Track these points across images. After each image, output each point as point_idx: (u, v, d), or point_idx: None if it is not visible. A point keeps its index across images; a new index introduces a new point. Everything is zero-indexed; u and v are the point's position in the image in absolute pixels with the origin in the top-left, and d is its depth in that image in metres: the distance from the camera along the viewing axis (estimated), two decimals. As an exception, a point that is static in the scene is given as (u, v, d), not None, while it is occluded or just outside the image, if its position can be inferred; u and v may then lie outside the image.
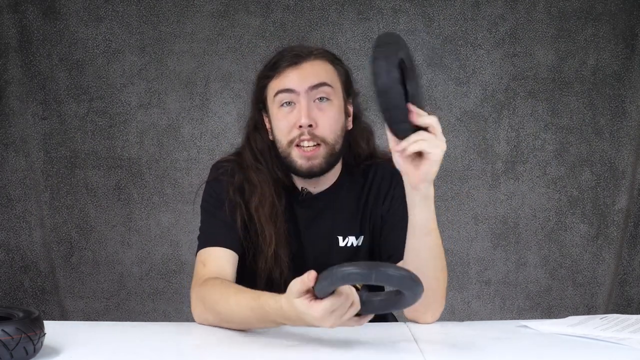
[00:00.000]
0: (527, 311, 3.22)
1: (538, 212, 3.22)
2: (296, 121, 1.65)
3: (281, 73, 1.68)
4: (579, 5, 3.16)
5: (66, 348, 1.35)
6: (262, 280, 1.70)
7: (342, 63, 1.75)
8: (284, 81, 1.67)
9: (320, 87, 1.67)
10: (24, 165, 3.18)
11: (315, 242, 1.74)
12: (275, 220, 1.69)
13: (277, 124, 1.69)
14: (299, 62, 1.68)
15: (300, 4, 3.17)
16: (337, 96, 1.70)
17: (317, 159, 1.66)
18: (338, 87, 1.71)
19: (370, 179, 1.77)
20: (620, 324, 1.50)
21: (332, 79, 1.70)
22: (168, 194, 3.20)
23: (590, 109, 3.20)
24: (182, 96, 3.19)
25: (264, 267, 1.69)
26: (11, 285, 3.21)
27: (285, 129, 1.67)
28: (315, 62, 1.69)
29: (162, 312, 3.22)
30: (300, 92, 1.66)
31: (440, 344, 1.48)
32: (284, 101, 1.67)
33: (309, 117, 1.64)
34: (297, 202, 1.75)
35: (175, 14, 3.16)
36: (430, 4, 3.18)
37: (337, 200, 1.76)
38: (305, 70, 1.67)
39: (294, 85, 1.66)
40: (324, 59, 1.71)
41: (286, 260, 1.69)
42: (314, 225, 1.75)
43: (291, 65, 1.67)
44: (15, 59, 3.14)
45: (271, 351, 1.38)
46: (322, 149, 1.66)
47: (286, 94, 1.66)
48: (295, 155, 1.67)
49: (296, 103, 1.66)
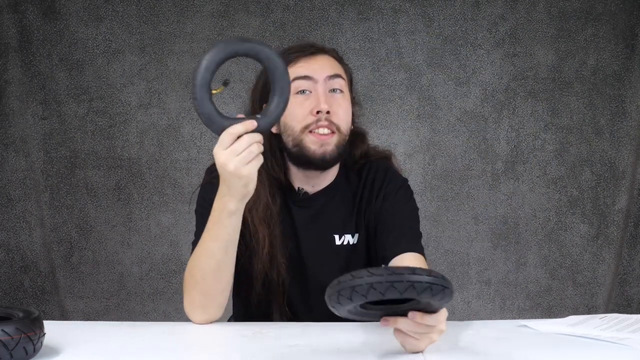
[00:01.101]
0: (527, 311, 3.22)
1: (538, 212, 3.22)
2: (313, 108, 1.66)
3: (297, 62, 1.70)
4: (579, 5, 3.16)
5: (66, 348, 1.35)
6: (259, 282, 1.70)
7: (347, 66, 1.79)
8: (301, 69, 1.69)
9: (336, 78, 1.70)
10: (24, 165, 3.18)
11: (312, 242, 1.74)
12: (269, 221, 1.69)
13: (292, 111, 1.67)
14: (314, 54, 1.71)
15: (300, 4, 3.17)
16: (347, 91, 1.73)
17: (330, 145, 1.67)
18: (347, 84, 1.75)
19: (365, 177, 1.77)
20: (620, 324, 1.50)
21: (344, 74, 1.74)
22: (168, 194, 3.20)
23: (590, 109, 3.20)
24: (182, 96, 3.19)
25: (260, 268, 1.69)
26: (11, 285, 3.21)
27: (300, 115, 1.67)
28: (327, 56, 1.73)
29: (162, 312, 3.22)
30: (319, 80, 1.68)
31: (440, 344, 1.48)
32: (300, 89, 1.68)
33: (328, 103, 1.66)
34: (294, 202, 1.75)
35: (175, 14, 3.16)
36: (430, 4, 3.18)
37: (334, 200, 1.76)
38: (321, 61, 1.71)
39: (312, 73, 1.68)
40: (335, 55, 1.75)
41: (282, 261, 1.69)
42: (310, 225, 1.74)
43: (306, 56, 1.71)
44: (15, 59, 3.14)
45: (271, 351, 1.38)
46: (335, 137, 1.67)
47: (304, 80, 1.68)
48: (308, 141, 1.66)
49: (312, 91, 1.68)
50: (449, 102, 3.21)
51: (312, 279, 1.73)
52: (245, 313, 1.80)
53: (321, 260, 1.73)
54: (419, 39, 3.18)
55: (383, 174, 1.78)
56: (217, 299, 1.57)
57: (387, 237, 1.68)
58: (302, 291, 1.73)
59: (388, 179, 1.76)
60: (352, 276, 1.18)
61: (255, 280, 1.70)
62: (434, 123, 3.19)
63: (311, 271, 1.73)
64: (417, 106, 3.21)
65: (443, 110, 3.19)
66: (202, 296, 1.56)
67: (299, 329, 1.53)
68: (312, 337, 1.46)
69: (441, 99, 3.20)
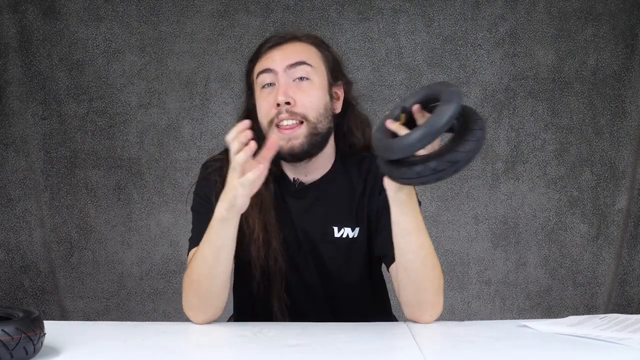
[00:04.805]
0: (527, 311, 3.22)
1: (538, 212, 3.22)
2: (274, 100, 1.64)
3: (264, 55, 1.69)
4: (579, 5, 3.16)
5: (66, 348, 1.35)
6: (258, 270, 1.69)
7: (329, 48, 1.75)
8: (265, 62, 1.68)
9: (299, 65, 1.66)
10: (24, 165, 3.18)
11: (309, 232, 1.72)
12: (260, 207, 1.67)
13: (259, 107, 1.68)
14: (281, 43, 1.69)
15: (300, 4, 3.17)
16: (319, 76, 1.69)
17: (298, 139, 1.64)
18: (321, 68, 1.70)
19: (366, 170, 1.75)
20: (620, 324, 1.50)
21: (313, 59, 1.69)
22: (168, 194, 3.20)
23: (590, 109, 3.20)
24: (182, 96, 3.19)
25: (257, 255, 1.68)
26: (11, 285, 3.21)
27: (264, 109, 1.66)
28: (297, 43, 1.70)
29: (162, 312, 3.22)
30: (279, 71, 1.66)
31: (440, 344, 1.48)
32: (265, 82, 1.67)
33: (286, 94, 1.63)
34: (289, 193, 1.73)
35: (175, 14, 3.16)
36: (430, 4, 3.18)
37: (331, 190, 1.74)
38: (285, 50, 1.68)
39: (272, 65, 1.66)
40: (307, 42, 1.71)
41: (278, 247, 1.68)
42: (307, 215, 1.73)
43: (273, 47, 1.69)
44: (15, 59, 3.14)
45: (271, 351, 1.38)
46: (303, 128, 1.64)
47: (266, 74, 1.67)
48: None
49: (276, 84, 1.66)
50: (449, 102, 3.20)
51: (310, 269, 1.72)
52: (246, 303, 1.79)
53: (319, 251, 1.72)
54: (419, 39, 3.18)
55: None
56: (214, 301, 1.57)
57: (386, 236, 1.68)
58: (301, 281, 1.73)
59: None
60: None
61: (254, 268, 1.69)
62: (434, 123, 3.19)
63: (310, 261, 1.72)
64: (417, 106, 3.20)
65: (443, 110, 3.19)
66: (198, 298, 1.57)
67: (299, 329, 1.53)
68: (312, 337, 1.46)
69: (441, 99, 3.20)
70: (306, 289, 1.73)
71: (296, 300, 1.72)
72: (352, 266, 1.74)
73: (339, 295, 1.74)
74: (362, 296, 1.77)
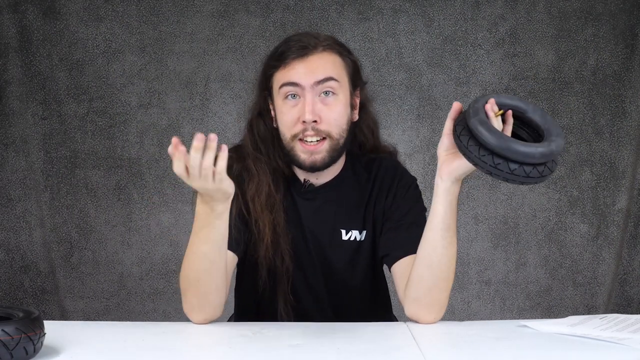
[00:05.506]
0: (527, 311, 3.22)
1: (538, 212, 3.22)
2: (300, 116, 1.63)
3: (287, 65, 1.65)
4: (579, 5, 3.16)
5: (66, 348, 1.35)
6: (264, 269, 1.69)
7: (350, 54, 1.74)
8: (289, 74, 1.65)
9: (327, 82, 1.65)
10: (24, 165, 3.18)
11: (318, 234, 1.73)
12: (271, 209, 1.67)
13: (281, 117, 1.67)
14: (306, 54, 1.65)
15: (300, 4, 3.17)
16: (343, 90, 1.68)
17: (321, 153, 1.65)
18: (345, 81, 1.69)
19: (374, 173, 1.76)
20: (620, 324, 1.50)
21: (338, 73, 1.68)
22: (168, 194, 3.20)
23: (590, 109, 3.20)
24: (182, 96, 3.19)
25: (265, 255, 1.68)
26: (11, 285, 3.21)
27: (289, 122, 1.66)
28: (323, 54, 1.67)
29: (162, 312, 3.22)
30: (306, 86, 1.64)
31: (440, 344, 1.48)
32: (289, 93, 1.65)
33: (313, 112, 1.63)
34: (299, 194, 1.74)
35: (175, 14, 3.16)
36: (430, 4, 3.18)
37: (340, 193, 1.74)
38: (312, 64, 1.65)
39: (299, 79, 1.64)
40: (331, 50, 1.69)
41: (287, 248, 1.68)
42: (316, 216, 1.73)
43: (298, 58, 1.65)
44: (15, 59, 3.14)
45: (272, 351, 1.38)
46: (326, 144, 1.65)
47: (291, 87, 1.65)
48: (298, 149, 1.66)
49: (301, 97, 1.65)
50: (449, 102, 3.17)
51: (317, 270, 1.73)
52: (250, 303, 1.79)
53: (327, 253, 1.73)
54: (419, 39, 3.18)
55: (393, 171, 1.76)
56: (213, 299, 1.57)
57: (392, 236, 1.68)
58: (308, 281, 1.73)
59: (398, 178, 1.75)
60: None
61: (260, 267, 1.69)
62: (434, 123, 3.19)
63: (316, 262, 1.73)
64: (417, 106, 3.21)
65: (443, 110, 3.19)
66: (197, 298, 1.56)
67: (299, 329, 1.53)
68: (312, 337, 1.46)
69: (441, 99, 3.20)
70: (310, 289, 1.73)
71: (300, 300, 1.72)
72: (358, 268, 1.74)
73: (342, 296, 1.75)
74: (366, 297, 1.78)
